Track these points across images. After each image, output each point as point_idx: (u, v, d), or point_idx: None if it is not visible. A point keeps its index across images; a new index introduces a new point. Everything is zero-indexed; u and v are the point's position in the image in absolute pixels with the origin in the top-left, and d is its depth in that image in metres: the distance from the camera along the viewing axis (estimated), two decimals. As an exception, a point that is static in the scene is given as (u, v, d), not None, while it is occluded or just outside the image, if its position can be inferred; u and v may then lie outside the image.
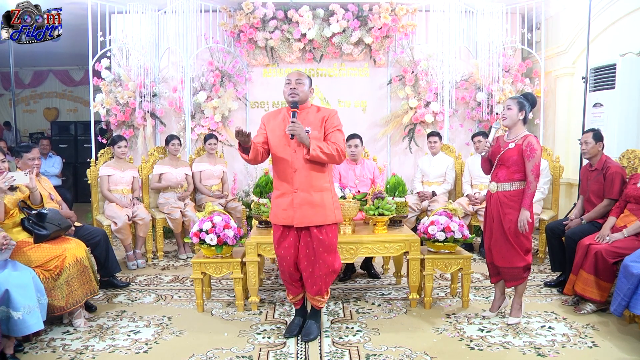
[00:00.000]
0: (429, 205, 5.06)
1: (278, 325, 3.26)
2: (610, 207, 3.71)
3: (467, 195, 5.07)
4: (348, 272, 4.25)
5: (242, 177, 6.25)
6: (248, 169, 6.26)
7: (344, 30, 5.97)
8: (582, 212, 4.00)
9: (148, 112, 5.97)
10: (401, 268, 4.08)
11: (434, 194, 5.13)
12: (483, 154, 3.27)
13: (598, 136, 3.85)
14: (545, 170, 4.79)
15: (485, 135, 5.00)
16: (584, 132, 3.99)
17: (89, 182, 4.95)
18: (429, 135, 5.35)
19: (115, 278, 4.07)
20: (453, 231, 3.46)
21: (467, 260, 3.51)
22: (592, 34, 4.93)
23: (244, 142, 2.80)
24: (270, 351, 2.89)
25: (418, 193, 5.22)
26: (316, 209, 2.87)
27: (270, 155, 3.02)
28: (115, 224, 4.55)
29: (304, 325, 3.12)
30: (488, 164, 3.33)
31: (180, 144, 5.25)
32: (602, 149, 3.87)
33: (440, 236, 3.45)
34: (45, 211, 3.26)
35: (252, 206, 3.87)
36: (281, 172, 2.92)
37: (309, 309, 3.21)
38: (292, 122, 2.76)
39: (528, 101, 3.20)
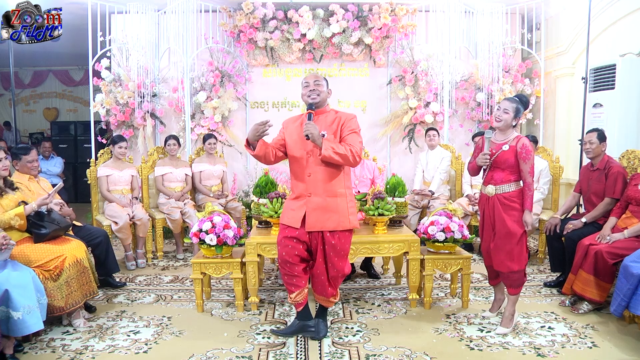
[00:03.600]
0: (429, 202, 5.08)
1: (278, 326, 3.25)
2: (612, 207, 3.71)
3: (466, 196, 5.07)
4: (348, 272, 4.25)
5: (242, 177, 6.26)
6: (248, 169, 6.26)
7: (343, 31, 5.97)
8: (571, 208, 4.10)
9: (148, 112, 5.97)
10: (401, 268, 4.08)
11: (432, 193, 5.14)
12: (484, 166, 3.16)
13: (602, 136, 3.85)
14: (545, 171, 4.79)
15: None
16: (587, 132, 3.97)
17: (88, 182, 4.95)
18: (427, 130, 5.39)
19: (112, 277, 4.07)
20: (453, 231, 3.46)
21: (467, 261, 3.50)
22: (592, 34, 4.93)
23: (252, 138, 2.80)
24: (270, 351, 2.89)
25: (413, 190, 5.25)
26: (329, 214, 2.83)
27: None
28: (116, 223, 4.55)
29: (314, 325, 3.07)
30: (477, 167, 3.23)
31: (179, 144, 5.25)
32: (605, 149, 3.87)
33: (440, 236, 3.45)
34: (44, 211, 3.27)
35: (252, 206, 3.87)
36: (295, 176, 2.93)
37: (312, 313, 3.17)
38: (307, 123, 2.75)
39: (523, 105, 3.12)
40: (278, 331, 3.09)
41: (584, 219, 3.84)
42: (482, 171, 3.26)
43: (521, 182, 3.08)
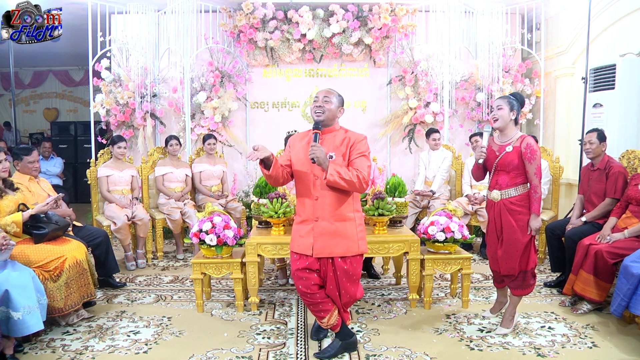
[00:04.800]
0: (429, 202, 5.08)
1: (278, 326, 3.26)
2: (612, 207, 3.71)
3: (466, 196, 5.07)
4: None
5: (242, 178, 6.25)
6: (248, 169, 6.26)
7: (343, 31, 5.97)
8: (582, 212, 4.00)
9: (148, 112, 5.97)
10: (401, 268, 4.08)
11: (432, 192, 5.14)
12: (480, 160, 3.06)
13: (602, 136, 3.85)
14: (545, 171, 4.79)
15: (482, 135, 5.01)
16: (587, 132, 3.97)
17: (88, 182, 4.95)
18: (431, 132, 5.33)
19: (112, 278, 4.08)
20: (453, 231, 3.46)
21: (467, 261, 3.50)
22: (592, 34, 4.92)
23: (266, 158, 2.61)
24: (270, 351, 2.89)
25: (415, 191, 5.25)
26: (337, 239, 2.67)
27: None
28: (115, 224, 4.55)
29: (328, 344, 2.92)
30: (482, 171, 3.15)
31: (180, 144, 5.26)
32: (605, 149, 3.87)
33: (440, 236, 3.45)
34: (41, 215, 3.26)
35: (252, 206, 3.86)
36: (301, 199, 2.75)
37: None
38: (313, 145, 2.54)
39: (517, 101, 3.03)
40: (320, 354, 2.86)
41: (584, 219, 3.84)
42: (487, 175, 3.17)
43: (528, 184, 2.98)
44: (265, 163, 2.66)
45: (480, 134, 5.08)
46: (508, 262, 3.05)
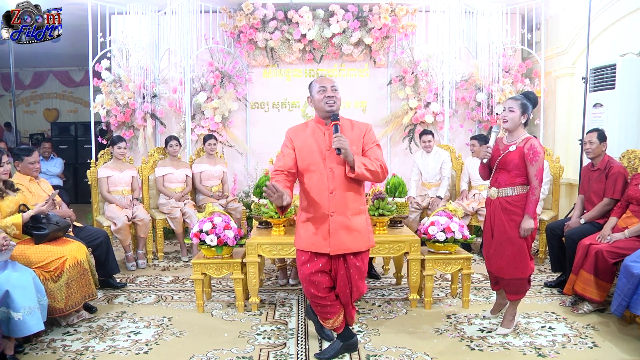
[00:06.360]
0: (429, 203, 5.08)
1: (278, 326, 3.25)
2: (611, 207, 3.71)
3: (462, 191, 5.15)
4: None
5: (242, 178, 6.26)
6: (248, 169, 6.26)
7: (343, 31, 5.97)
8: (582, 212, 4.00)
9: (148, 113, 5.97)
10: (401, 268, 4.08)
11: (438, 198, 5.10)
12: (485, 160, 3.04)
13: (602, 136, 3.84)
14: (546, 171, 4.79)
15: (482, 138, 5.01)
16: (588, 132, 3.97)
17: (89, 182, 4.95)
18: (422, 134, 5.28)
19: (112, 278, 4.08)
20: (453, 232, 3.45)
21: (467, 261, 3.50)
22: (592, 34, 4.93)
23: (279, 202, 2.39)
24: (271, 352, 2.88)
25: (409, 198, 5.08)
26: (352, 234, 2.59)
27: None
28: (115, 224, 4.55)
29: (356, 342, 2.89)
30: (487, 170, 3.15)
31: (180, 145, 5.25)
32: (605, 149, 3.87)
33: (441, 237, 3.45)
34: (41, 216, 3.26)
35: (252, 207, 3.86)
36: (313, 193, 2.60)
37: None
38: (337, 136, 2.45)
39: (530, 101, 3.00)
40: (321, 355, 2.83)
41: (582, 220, 3.84)
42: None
43: (528, 186, 2.95)
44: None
45: (479, 137, 5.09)
46: (498, 261, 3.05)
